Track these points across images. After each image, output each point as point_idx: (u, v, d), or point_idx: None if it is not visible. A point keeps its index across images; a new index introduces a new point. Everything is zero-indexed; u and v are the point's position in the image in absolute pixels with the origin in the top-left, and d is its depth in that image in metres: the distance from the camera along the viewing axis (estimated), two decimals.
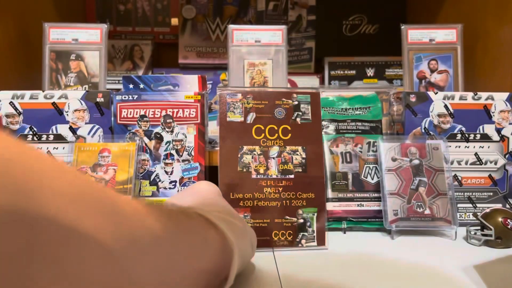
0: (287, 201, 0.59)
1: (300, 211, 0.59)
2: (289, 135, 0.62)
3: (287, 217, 0.59)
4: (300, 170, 0.61)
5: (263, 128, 0.62)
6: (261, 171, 0.60)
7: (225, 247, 0.35)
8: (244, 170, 0.60)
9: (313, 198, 0.60)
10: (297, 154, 0.61)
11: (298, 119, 0.62)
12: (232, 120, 0.62)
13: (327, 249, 0.58)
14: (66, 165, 0.24)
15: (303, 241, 0.58)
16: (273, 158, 0.61)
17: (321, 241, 0.58)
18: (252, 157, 0.61)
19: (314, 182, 0.60)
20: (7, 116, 0.67)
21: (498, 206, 0.68)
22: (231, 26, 0.83)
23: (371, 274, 0.48)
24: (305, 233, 0.58)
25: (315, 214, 0.59)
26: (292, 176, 0.60)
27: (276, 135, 0.62)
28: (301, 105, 0.63)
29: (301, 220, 0.59)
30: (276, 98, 0.63)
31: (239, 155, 0.60)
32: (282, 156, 0.61)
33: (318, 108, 0.63)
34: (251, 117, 0.62)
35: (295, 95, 0.63)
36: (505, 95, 0.71)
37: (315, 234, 0.58)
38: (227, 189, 0.59)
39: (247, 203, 0.59)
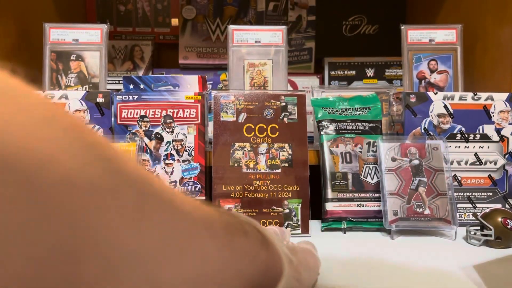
0: (274, 193, 0.64)
1: (286, 202, 0.64)
2: (277, 133, 0.66)
3: (274, 207, 0.64)
4: (287, 165, 0.66)
5: (253, 127, 0.66)
6: (251, 165, 0.65)
7: (273, 268, 0.33)
8: (236, 164, 0.65)
9: (298, 190, 0.65)
10: (283, 151, 0.66)
11: (285, 119, 0.67)
12: (225, 120, 0.66)
13: (310, 236, 0.63)
14: None
15: (288, 229, 0.62)
16: (262, 154, 0.66)
17: (305, 229, 0.64)
18: (243, 153, 0.65)
19: (299, 176, 0.65)
20: None
21: (498, 206, 0.68)
22: (231, 27, 0.83)
23: (371, 273, 0.48)
24: (290, 222, 0.64)
25: (300, 204, 0.64)
26: (279, 171, 0.65)
27: (265, 133, 0.66)
28: (288, 106, 0.68)
29: (287, 210, 0.64)
30: (265, 99, 0.67)
31: (231, 151, 0.65)
32: (270, 152, 0.66)
33: (303, 108, 0.68)
34: (242, 117, 0.67)
35: (282, 97, 0.68)
36: (505, 95, 0.71)
37: (299, 223, 0.64)
38: (219, 182, 0.64)
39: (237, 194, 0.64)
